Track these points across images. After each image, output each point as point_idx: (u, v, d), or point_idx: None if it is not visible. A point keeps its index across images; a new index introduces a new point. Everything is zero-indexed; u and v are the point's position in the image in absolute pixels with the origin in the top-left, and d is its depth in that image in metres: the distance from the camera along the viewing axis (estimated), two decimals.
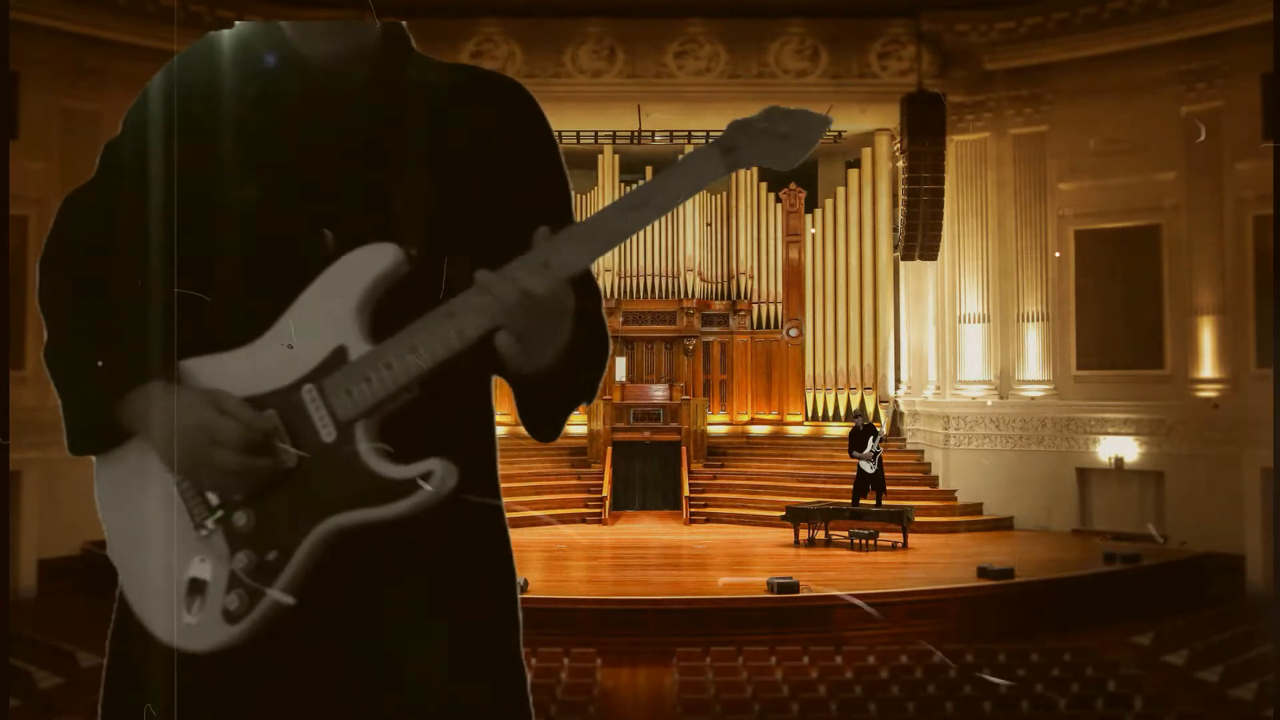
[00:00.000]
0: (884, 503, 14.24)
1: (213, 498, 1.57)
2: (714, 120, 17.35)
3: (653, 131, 17.94)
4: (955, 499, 15.79)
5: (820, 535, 14.00)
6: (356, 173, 1.62)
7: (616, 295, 18.64)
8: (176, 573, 1.57)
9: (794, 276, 19.12)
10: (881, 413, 17.95)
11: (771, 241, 19.15)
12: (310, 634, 1.57)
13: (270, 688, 1.58)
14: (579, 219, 1.58)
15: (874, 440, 14.25)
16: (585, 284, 1.59)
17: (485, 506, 1.71)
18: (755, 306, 19.15)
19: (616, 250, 17.59)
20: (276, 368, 1.57)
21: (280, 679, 1.58)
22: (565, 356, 1.59)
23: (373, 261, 1.57)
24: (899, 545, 13.51)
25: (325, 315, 1.57)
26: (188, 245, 1.61)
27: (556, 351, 1.57)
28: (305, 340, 1.57)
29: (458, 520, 1.61)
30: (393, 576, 1.60)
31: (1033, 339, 15.87)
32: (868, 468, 14.21)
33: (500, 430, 1.79)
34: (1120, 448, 14.82)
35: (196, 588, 1.56)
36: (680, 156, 1.58)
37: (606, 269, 18.42)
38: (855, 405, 18.14)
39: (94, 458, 1.67)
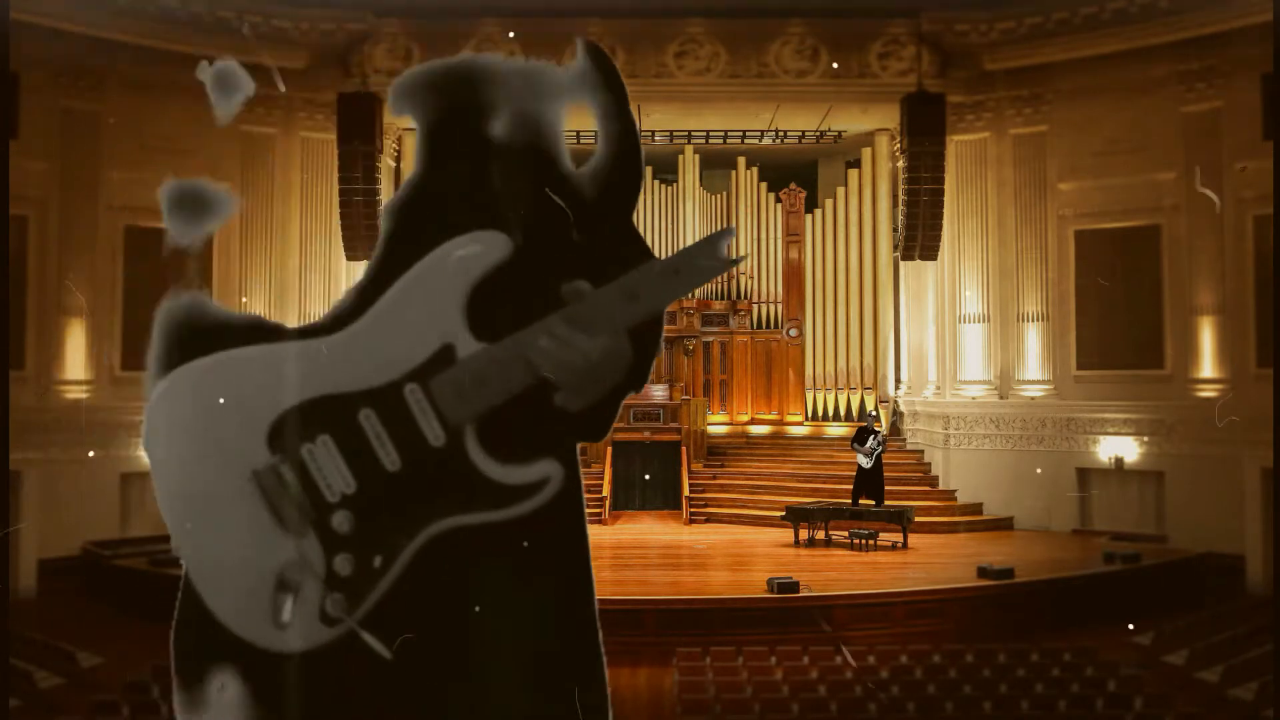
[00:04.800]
0: (884, 503, 14.26)
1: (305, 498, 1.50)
2: (714, 120, 17.36)
3: (653, 131, 17.91)
4: (955, 499, 15.80)
5: (820, 535, 14.00)
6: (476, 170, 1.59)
7: None
8: (265, 571, 1.50)
9: (794, 276, 19.11)
10: (882, 412, 17.95)
11: (771, 241, 19.14)
12: (412, 633, 1.54)
13: (367, 687, 1.55)
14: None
15: (874, 439, 14.31)
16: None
17: (573, 500, 1.68)
18: (755, 306, 19.14)
19: None
20: (370, 364, 1.48)
21: (378, 679, 1.54)
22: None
23: (482, 253, 1.48)
24: (899, 545, 13.51)
25: (427, 310, 1.48)
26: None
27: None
28: (405, 335, 1.48)
29: (554, 517, 1.59)
30: (494, 574, 1.58)
31: (1033, 339, 15.87)
32: (864, 463, 14.25)
33: None
34: (1120, 448, 14.82)
35: (287, 587, 1.49)
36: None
37: None
38: (858, 407, 18.20)
39: (149, 449, 1.55)
